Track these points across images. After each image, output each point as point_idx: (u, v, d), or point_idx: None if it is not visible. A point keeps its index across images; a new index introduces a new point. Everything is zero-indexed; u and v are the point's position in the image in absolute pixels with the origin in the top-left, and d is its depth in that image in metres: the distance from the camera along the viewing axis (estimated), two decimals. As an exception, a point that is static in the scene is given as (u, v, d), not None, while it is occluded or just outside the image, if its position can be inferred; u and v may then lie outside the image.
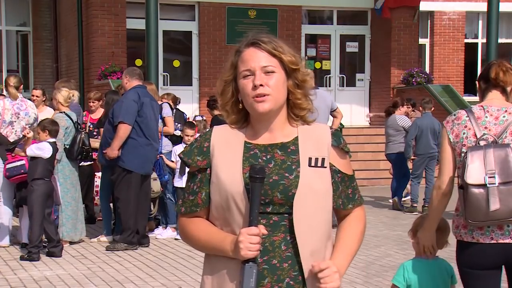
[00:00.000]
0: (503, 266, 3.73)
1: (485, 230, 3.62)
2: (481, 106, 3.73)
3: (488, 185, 3.52)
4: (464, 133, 3.68)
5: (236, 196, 2.28)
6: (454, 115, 3.77)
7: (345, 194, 2.41)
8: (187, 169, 2.56)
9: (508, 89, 3.76)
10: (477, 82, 3.91)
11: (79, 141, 8.55)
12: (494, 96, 3.77)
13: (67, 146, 8.47)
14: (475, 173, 3.54)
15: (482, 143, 3.61)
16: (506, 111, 3.68)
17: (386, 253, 8.37)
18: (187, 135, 9.07)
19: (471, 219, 3.57)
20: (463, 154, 3.64)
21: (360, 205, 2.46)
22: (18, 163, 8.01)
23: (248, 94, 2.32)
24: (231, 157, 2.33)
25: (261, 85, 2.29)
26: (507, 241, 3.61)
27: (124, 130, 8.23)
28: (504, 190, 3.52)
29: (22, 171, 8.01)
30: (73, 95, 8.82)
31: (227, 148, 2.36)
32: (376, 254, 8.29)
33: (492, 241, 3.61)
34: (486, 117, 3.68)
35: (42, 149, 7.72)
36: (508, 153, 3.55)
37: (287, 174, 2.31)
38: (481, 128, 3.66)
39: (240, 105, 2.38)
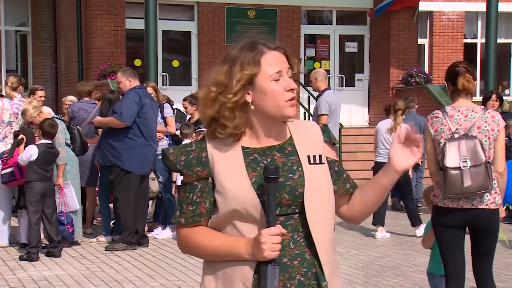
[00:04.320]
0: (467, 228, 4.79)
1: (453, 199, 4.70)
2: (453, 107, 4.84)
3: (462, 168, 4.61)
4: (441, 128, 4.76)
5: (246, 203, 2.27)
6: (433, 114, 4.85)
7: (350, 178, 2.50)
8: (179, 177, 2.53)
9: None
10: (445, 82, 5.08)
11: (79, 135, 8.62)
12: (462, 98, 4.88)
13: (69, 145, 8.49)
14: (452, 158, 4.63)
15: (456, 135, 4.68)
16: (473, 110, 4.79)
17: (385, 253, 8.38)
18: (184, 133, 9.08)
19: (450, 194, 4.64)
20: (441, 144, 4.71)
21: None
22: (8, 171, 8.00)
23: (279, 97, 2.30)
24: (233, 165, 2.32)
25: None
26: (468, 206, 4.68)
27: (118, 124, 8.21)
28: (474, 171, 4.61)
29: (12, 178, 8.00)
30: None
31: (226, 156, 2.33)
32: (375, 254, 8.30)
33: (458, 206, 4.69)
34: (458, 115, 4.77)
35: (28, 152, 7.73)
36: (476, 143, 4.64)
37: (290, 175, 2.32)
38: (454, 124, 4.73)
39: (249, 108, 2.34)
